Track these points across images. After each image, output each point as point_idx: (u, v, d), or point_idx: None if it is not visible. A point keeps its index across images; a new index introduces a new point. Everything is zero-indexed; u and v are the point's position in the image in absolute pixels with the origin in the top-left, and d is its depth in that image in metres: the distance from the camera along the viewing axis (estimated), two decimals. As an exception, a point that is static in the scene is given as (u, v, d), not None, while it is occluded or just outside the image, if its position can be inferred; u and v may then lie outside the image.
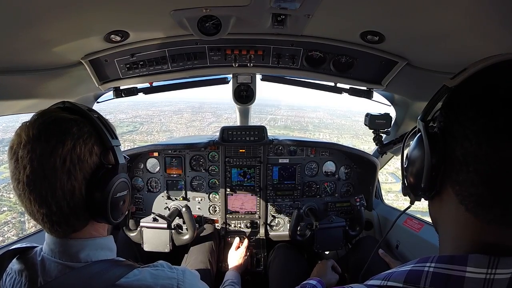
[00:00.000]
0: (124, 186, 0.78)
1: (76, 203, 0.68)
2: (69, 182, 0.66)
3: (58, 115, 0.70)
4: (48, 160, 0.64)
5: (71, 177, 0.66)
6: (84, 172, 0.69)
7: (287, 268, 1.78)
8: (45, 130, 0.66)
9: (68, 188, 0.66)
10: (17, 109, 1.50)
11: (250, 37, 1.42)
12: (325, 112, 28.51)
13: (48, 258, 0.71)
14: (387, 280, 0.54)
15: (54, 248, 0.72)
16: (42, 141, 0.65)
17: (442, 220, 0.58)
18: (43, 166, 0.64)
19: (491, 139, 0.44)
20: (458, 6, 0.79)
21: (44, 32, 0.99)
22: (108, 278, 0.68)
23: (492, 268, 0.45)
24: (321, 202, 2.27)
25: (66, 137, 0.66)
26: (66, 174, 0.66)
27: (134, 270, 0.72)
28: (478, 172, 0.45)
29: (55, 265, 0.70)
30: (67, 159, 0.66)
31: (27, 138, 0.65)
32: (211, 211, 2.29)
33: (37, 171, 0.64)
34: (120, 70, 1.52)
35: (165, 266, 0.79)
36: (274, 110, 27.26)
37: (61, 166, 0.65)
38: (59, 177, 0.65)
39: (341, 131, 20.77)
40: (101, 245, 0.77)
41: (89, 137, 0.71)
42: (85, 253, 0.72)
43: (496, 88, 0.46)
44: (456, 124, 0.49)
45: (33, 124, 0.67)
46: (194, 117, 25.50)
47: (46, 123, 0.67)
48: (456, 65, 0.60)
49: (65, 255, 0.71)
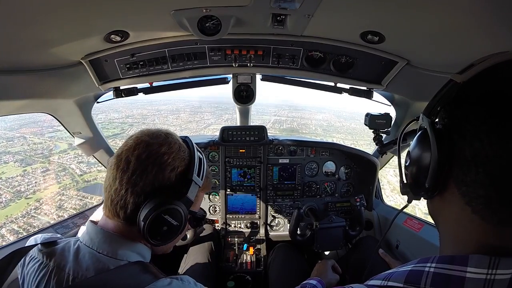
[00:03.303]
0: (177, 216, 0.77)
1: None
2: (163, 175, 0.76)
3: (174, 137, 0.84)
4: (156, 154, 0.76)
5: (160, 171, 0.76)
6: (158, 178, 0.76)
7: (287, 268, 1.78)
8: (160, 136, 0.80)
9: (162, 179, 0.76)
10: (17, 109, 1.50)
11: (250, 37, 1.42)
12: (332, 113, 27.88)
13: (85, 248, 0.74)
14: (388, 280, 0.53)
15: (95, 238, 0.74)
16: (162, 146, 0.78)
17: (444, 220, 0.57)
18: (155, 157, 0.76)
19: (504, 139, 0.42)
20: (458, 6, 0.79)
21: (44, 32, 0.99)
22: (137, 282, 0.69)
23: (492, 269, 0.45)
24: (321, 202, 2.27)
25: (173, 149, 0.79)
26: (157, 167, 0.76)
27: (163, 279, 0.72)
28: (488, 173, 0.44)
29: (89, 255, 0.72)
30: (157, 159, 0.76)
31: (147, 140, 0.78)
32: (211, 211, 2.28)
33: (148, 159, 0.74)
34: (120, 70, 1.52)
35: (191, 282, 0.80)
36: (278, 111, 26.85)
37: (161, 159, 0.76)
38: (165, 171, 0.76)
39: (355, 136, 19.33)
40: (138, 250, 0.79)
41: (181, 160, 0.80)
42: (123, 251, 0.74)
43: (509, 86, 0.44)
44: (464, 122, 0.47)
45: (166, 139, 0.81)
46: (191, 117, 25.02)
47: (162, 134, 0.82)
48: (456, 65, 0.59)
49: (104, 247, 0.73)
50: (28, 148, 13.83)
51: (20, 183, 11.18)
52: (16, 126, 14.77)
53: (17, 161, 12.60)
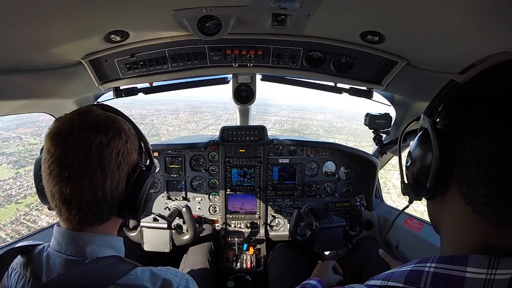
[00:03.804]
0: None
1: (117, 194, 0.73)
2: (117, 173, 0.71)
3: (108, 113, 0.75)
4: (105, 150, 0.68)
5: (119, 169, 0.72)
6: (128, 168, 0.75)
7: (287, 268, 1.78)
8: (102, 122, 0.71)
9: (116, 178, 0.71)
10: (17, 108, 1.50)
11: (250, 37, 1.42)
12: (332, 113, 27.52)
13: (54, 253, 0.71)
14: (388, 280, 0.53)
15: (61, 241, 0.72)
16: (101, 132, 0.69)
17: (444, 220, 0.57)
18: (100, 155, 0.67)
19: (505, 139, 0.42)
20: (458, 6, 0.79)
21: (44, 32, 0.99)
22: (110, 275, 0.68)
23: (492, 269, 0.45)
24: (321, 202, 2.27)
25: (121, 132, 0.73)
26: (117, 166, 0.71)
27: (136, 268, 0.72)
28: (489, 173, 0.44)
29: (59, 260, 0.70)
30: (120, 152, 0.72)
31: (82, 126, 0.67)
32: (211, 211, 2.28)
33: (93, 158, 0.67)
34: (120, 70, 1.52)
35: (171, 269, 0.79)
36: (278, 111, 26.65)
37: (115, 157, 0.70)
38: (112, 167, 0.70)
39: (357, 137, 18.77)
40: (109, 243, 0.77)
41: (135, 137, 0.79)
42: (91, 247, 0.72)
43: (510, 86, 0.44)
44: (466, 122, 0.47)
45: (85, 115, 0.70)
46: (191, 117, 24.79)
47: (101, 117, 0.72)
48: (456, 65, 0.59)
49: (71, 248, 0.71)
50: (23, 149, 13.28)
51: (11, 186, 10.44)
52: (13, 126, 14.50)
53: (10, 163, 11.96)
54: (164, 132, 20.41)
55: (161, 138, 19.13)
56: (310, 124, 24.51)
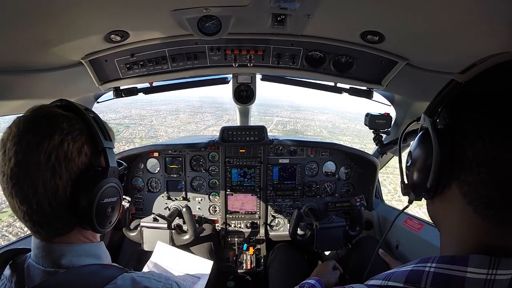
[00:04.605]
0: (113, 191, 0.73)
1: (59, 203, 0.64)
2: (52, 180, 0.62)
3: (50, 110, 0.68)
4: (33, 154, 0.61)
5: (55, 175, 0.63)
6: (71, 172, 0.65)
7: (287, 268, 1.78)
8: (35, 123, 0.64)
9: (51, 186, 0.63)
10: (17, 109, 1.50)
11: (250, 37, 1.42)
12: (335, 114, 27.24)
13: (33, 265, 0.68)
14: (388, 280, 0.53)
15: (38, 253, 0.68)
16: (30, 134, 0.62)
17: (445, 220, 0.57)
18: (27, 160, 0.61)
19: (506, 139, 0.42)
20: (458, 5, 0.79)
21: (44, 32, 0.99)
22: (86, 286, 0.65)
23: (493, 269, 0.45)
24: (321, 202, 2.27)
25: (54, 132, 0.63)
26: (50, 171, 0.62)
27: (117, 277, 0.68)
28: (490, 173, 0.43)
29: (38, 272, 0.66)
30: (53, 154, 0.62)
31: (17, 130, 0.63)
32: (211, 211, 2.28)
33: (21, 164, 0.61)
34: (120, 70, 1.52)
35: (155, 274, 0.74)
36: (280, 111, 26.40)
37: (46, 161, 0.62)
38: (42, 173, 0.61)
39: (362, 139, 18.22)
40: (87, 251, 0.71)
41: (79, 135, 0.67)
42: (67, 259, 0.67)
43: (511, 86, 0.44)
44: (466, 122, 0.47)
45: (25, 118, 0.65)
46: (191, 118, 24.52)
47: (37, 117, 0.65)
48: (456, 65, 0.59)
49: (47, 261, 0.67)
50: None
51: (-2, 193, 9.96)
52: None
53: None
54: (163, 134, 20.03)
55: (158, 140, 18.74)
56: (313, 125, 24.22)
